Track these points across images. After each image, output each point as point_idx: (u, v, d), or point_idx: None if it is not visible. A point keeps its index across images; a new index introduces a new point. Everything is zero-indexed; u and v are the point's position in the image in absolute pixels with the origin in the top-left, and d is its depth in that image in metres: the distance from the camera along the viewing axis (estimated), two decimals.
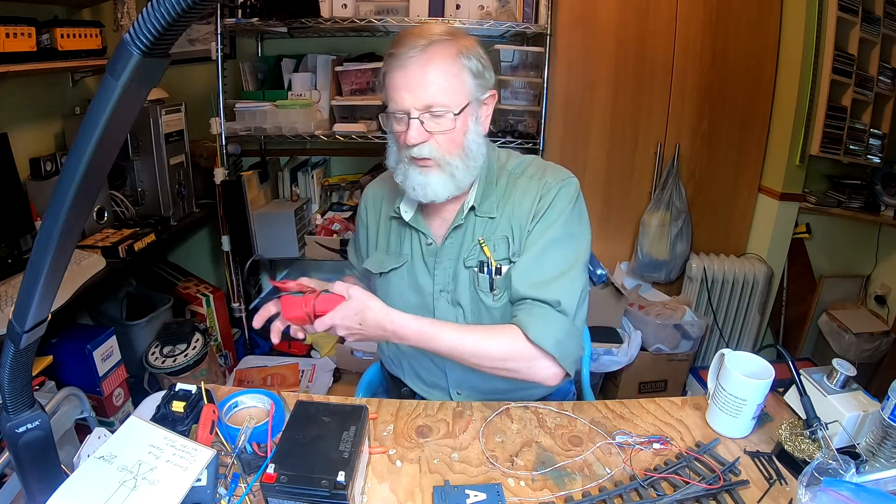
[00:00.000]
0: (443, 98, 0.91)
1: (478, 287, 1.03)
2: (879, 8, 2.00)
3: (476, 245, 1.02)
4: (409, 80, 0.90)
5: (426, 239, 1.06)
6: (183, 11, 0.35)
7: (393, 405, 0.98)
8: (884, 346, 2.25)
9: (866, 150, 2.12)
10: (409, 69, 0.90)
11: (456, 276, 1.04)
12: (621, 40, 2.14)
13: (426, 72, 0.90)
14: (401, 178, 0.99)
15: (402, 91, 0.91)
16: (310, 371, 2.23)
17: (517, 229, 1.01)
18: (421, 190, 0.97)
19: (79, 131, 0.42)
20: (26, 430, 0.61)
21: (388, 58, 0.93)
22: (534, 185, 1.01)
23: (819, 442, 0.84)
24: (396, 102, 0.92)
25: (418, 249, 1.07)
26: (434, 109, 0.91)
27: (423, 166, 0.95)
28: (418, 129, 0.91)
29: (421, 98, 0.90)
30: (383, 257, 1.11)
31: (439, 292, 1.05)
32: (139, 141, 1.94)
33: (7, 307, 1.35)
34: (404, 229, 1.09)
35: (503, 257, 1.01)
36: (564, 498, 0.78)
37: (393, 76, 0.92)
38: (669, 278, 2.37)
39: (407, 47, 0.90)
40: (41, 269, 0.49)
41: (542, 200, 0.99)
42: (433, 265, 1.05)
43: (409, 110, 0.91)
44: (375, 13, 1.95)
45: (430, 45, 0.90)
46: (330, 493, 0.66)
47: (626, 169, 2.30)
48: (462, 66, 0.92)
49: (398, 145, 0.98)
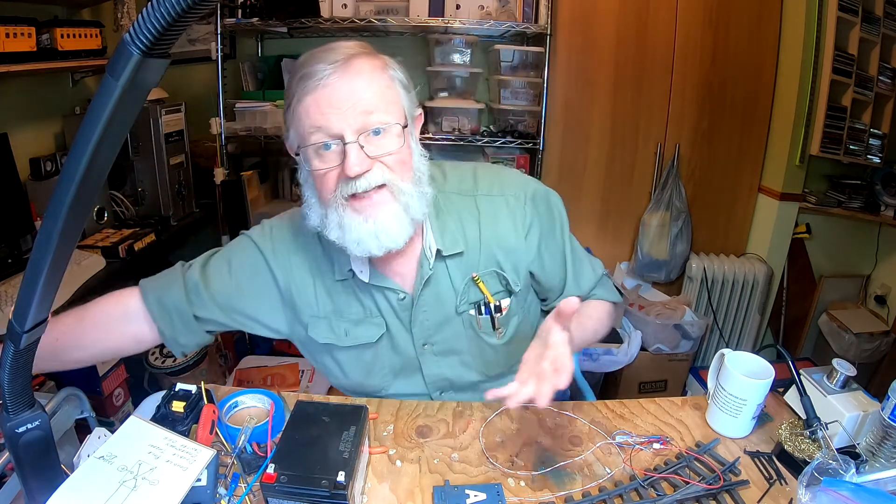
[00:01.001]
0: (382, 112, 0.76)
1: (479, 331, 0.94)
2: (879, 8, 2.00)
3: (466, 286, 0.92)
4: (336, 97, 0.73)
5: (397, 295, 0.91)
6: (183, 11, 0.35)
7: (393, 405, 0.98)
8: (884, 346, 2.25)
9: (866, 150, 2.12)
10: (334, 85, 0.73)
11: (441, 326, 0.93)
12: (621, 40, 2.14)
13: (356, 85, 0.74)
14: (336, 235, 0.80)
15: (329, 113, 0.74)
16: (310, 371, 2.22)
17: (505, 258, 0.92)
18: (373, 241, 0.78)
19: (79, 131, 0.42)
20: (26, 430, 0.61)
21: (298, 81, 0.75)
22: (495, 206, 0.91)
23: (819, 442, 0.84)
24: (322, 128, 0.74)
25: (388, 308, 0.92)
26: (374, 126, 0.75)
27: (366, 208, 0.78)
28: (359, 155, 0.74)
29: (355, 117, 0.74)
30: (347, 326, 0.93)
31: (422, 346, 0.95)
32: (139, 141, 1.94)
33: (7, 307, 1.35)
34: (362, 288, 0.91)
35: (498, 290, 0.93)
36: (564, 498, 0.78)
37: (310, 99, 0.74)
38: (669, 278, 2.37)
39: (322, 63, 0.74)
40: (41, 269, 0.49)
41: (532, 217, 0.92)
42: (408, 320, 0.92)
43: (342, 134, 0.74)
44: (375, 13, 1.95)
45: (350, 59, 0.75)
46: (330, 494, 0.66)
47: (626, 169, 2.30)
48: (392, 77, 0.79)
49: (325, 190, 0.79)
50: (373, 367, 0.96)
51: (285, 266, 0.92)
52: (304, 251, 0.92)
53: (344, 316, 0.93)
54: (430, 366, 0.97)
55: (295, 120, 0.78)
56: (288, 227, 0.95)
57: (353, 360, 0.96)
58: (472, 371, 0.99)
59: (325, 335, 0.93)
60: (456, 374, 0.99)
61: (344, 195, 0.77)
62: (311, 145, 0.76)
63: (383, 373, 0.98)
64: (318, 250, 0.92)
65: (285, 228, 0.95)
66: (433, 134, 2.05)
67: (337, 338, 0.93)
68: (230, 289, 0.92)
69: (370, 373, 0.97)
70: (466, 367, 0.98)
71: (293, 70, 0.78)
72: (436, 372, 0.98)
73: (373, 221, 0.78)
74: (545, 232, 0.94)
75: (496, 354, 0.98)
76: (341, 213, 0.79)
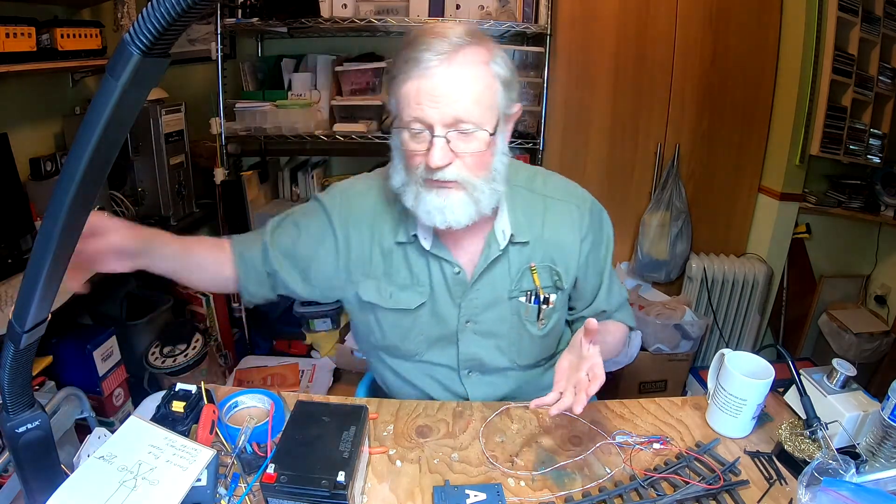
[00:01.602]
0: (474, 114, 0.79)
1: (524, 317, 0.99)
2: (879, 8, 2.00)
3: (521, 274, 0.97)
4: (435, 91, 0.77)
5: (452, 268, 0.96)
6: (183, 11, 0.35)
7: (393, 405, 0.98)
8: (884, 346, 2.25)
9: (866, 150, 2.12)
10: (434, 79, 0.77)
11: (489, 307, 0.98)
12: (621, 40, 2.14)
13: (455, 82, 0.78)
14: (411, 202, 0.86)
15: (425, 104, 0.78)
16: (310, 371, 2.23)
17: (560, 258, 0.98)
18: (439, 215, 0.84)
19: (79, 131, 0.42)
20: (26, 430, 0.61)
21: (404, 62, 0.79)
22: (561, 209, 0.98)
23: (819, 442, 0.84)
24: (417, 117, 0.79)
25: (440, 279, 0.97)
26: (463, 127, 0.79)
27: (441, 188, 0.84)
28: (444, 150, 0.79)
29: (448, 113, 0.78)
30: (393, 290, 0.98)
31: (465, 323, 0.99)
32: (139, 141, 1.94)
33: (7, 307, 1.35)
34: (418, 257, 0.96)
35: (547, 285, 0.99)
36: (564, 498, 0.78)
37: (411, 85, 0.79)
38: (669, 278, 2.37)
39: (429, 52, 0.77)
40: (41, 269, 0.49)
41: (588, 228, 0.99)
42: (459, 295, 0.97)
43: (434, 127, 0.79)
44: (375, 13, 1.95)
45: (457, 51, 0.78)
46: (330, 493, 0.66)
47: (625, 169, 2.30)
48: (493, 74, 0.81)
49: (411, 165, 0.85)
50: (410, 332, 1.00)
51: (347, 226, 0.98)
52: (370, 212, 0.98)
53: (392, 280, 0.98)
54: (467, 343, 1.00)
55: (397, 96, 0.83)
56: (359, 190, 1.01)
57: (393, 323, 1.00)
58: (504, 357, 1.02)
59: (371, 294, 0.98)
60: (489, 357, 1.02)
61: (421, 177, 0.84)
62: (405, 127, 0.82)
63: (419, 339, 1.01)
64: (385, 211, 0.97)
65: (355, 191, 1.01)
66: None
67: (381, 299, 0.98)
68: (295, 250, 0.99)
69: (406, 338, 1.01)
70: (500, 352, 1.02)
71: (403, 42, 0.83)
72: (472, 350, 1.01)
73: (443, 199, 0.84)
74: (595, 244, 1.01)
75: (532, 344, 1.02)
76: (419, 187, 0.85)
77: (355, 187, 1.02)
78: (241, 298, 1.04)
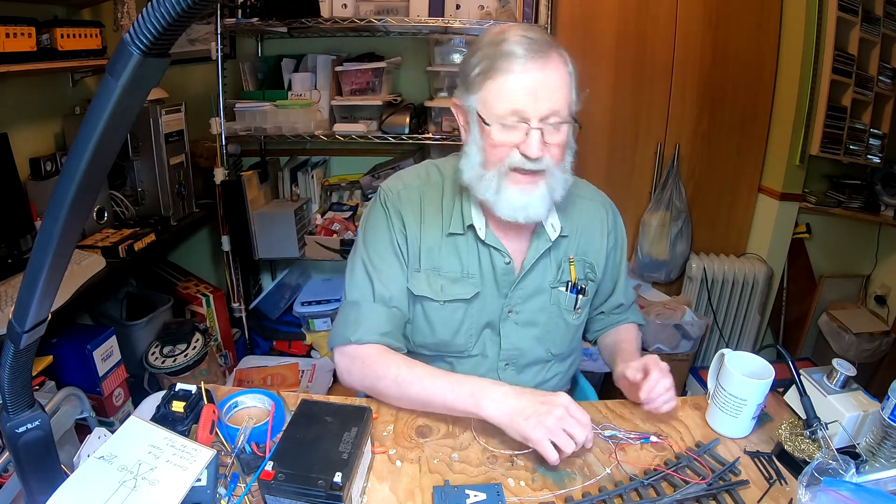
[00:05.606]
0: (564, 109, 0.87)
1: (562, 307, 1.04)
2: (879, 8, 2.00)
3: (560, 266, 1.03)
4: (533, 86, 0.84)
5: (503, 258, 0.99)
6: (183, 11, 0.35)
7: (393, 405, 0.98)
8: (884, 346, 2.25)
9: (866, 150, 2.12)
10: (533, 74, 0.84)
11: (531, 296, 1.01)
12: (621, 40, 2.14)
13: (549, 80, 0.85)
14: (491, 195, 0.90)
15: (524, 99, 0.84)
16: (310, 371, 2.23)
17: (592, 252, 1.06)
18: (522, 211, 0.90)
19: (79, 131, 0.42)
20: (26, 430, 0.61)
21: (495, 56, 0.85)
22: (591, 207, 1.07)
23: (819, 442, 0.84)
24: (515, 111, 0.85)
25: (489, 269, 0.99)
26: (555, 120, 0.86)
27: (527, 182, 0.89)
28: (540, 140, 0.85)
29: (544, 107, 0.84)
30: (444, 283, 0.99)
31: (507, 313, 1.01)
32: (139, 141, 1.94)
33: (7, 307, 1.35)
34: (470, 248, 0.99)
35: (582, 277, 1.05)
36: (564, 498, 0.78)
37: (509, 79, 0.84)
38: (669, 278, 2.37)
39: (523, 47, 0.83)
40: (41, 269, 0.49)
41: (612, 227, 1.08)
42: (507, 286, 1.00)
43: (530, 119, 0.85)
44: (375, 13, 1.95)
45: (548, 51, 0.85)
46: (325, 494, 0.66)
47: (626, 169, 2.30)
48: (570, 73, 0.89)
49: (494, 157, 0.89)
50: (462, 325, 1.01)
51: (400, 220, 0.99)
52: (424, 206, 1.00)
53: (442, 273, 1.00)
54: (509, 334, 1.03)
55: (485, 89, 0.87)
56: (417, 184, 1.03)
57: (445, 318, 1.01)
58: (542, 347, 1.06)
59: (421, 288, 0.99)
60: (528, 347, 1.05)
61: (509, 166, 0.88)
62: (498, 121, 0.86)
63: (470, 333, 1.03)
64: (438, 203, 1.00)
65: (412, 186, 1.03)
66: (433, 134, 2.05)
67: (433, 292, 0.99)
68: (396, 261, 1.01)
69: (458, 332, 1.02)
70: (538, 342, 1.05)
71: (486, 36, 0.89)
72: (512, 341, 1.04)
73: (526, 196, 0.89)
74: (615, 243, 1.10)
75: (566, 333, 1.06)
76: (501, 181, 0.89)
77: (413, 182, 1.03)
78: (241, 299, 1.04)
